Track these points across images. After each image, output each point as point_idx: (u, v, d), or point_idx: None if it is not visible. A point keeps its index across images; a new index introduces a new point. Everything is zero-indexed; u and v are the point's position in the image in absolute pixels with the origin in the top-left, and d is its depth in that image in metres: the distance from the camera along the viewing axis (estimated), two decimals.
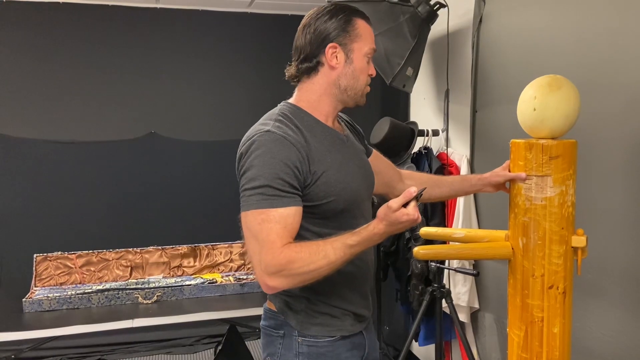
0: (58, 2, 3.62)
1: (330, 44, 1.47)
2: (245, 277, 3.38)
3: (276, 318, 1.56)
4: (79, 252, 3.34)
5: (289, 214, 1.35)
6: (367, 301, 1.61)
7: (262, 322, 1.61)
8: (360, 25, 1.50)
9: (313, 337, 1.51)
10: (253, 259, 1.36)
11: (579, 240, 1.32)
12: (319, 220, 1.44)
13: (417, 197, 1.27)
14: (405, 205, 1.27)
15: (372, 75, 1.53)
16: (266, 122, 1.44)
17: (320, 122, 1.52)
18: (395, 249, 3.05)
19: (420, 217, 1.28)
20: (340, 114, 1.70)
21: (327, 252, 1.31)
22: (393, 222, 1.28)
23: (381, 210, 1.30)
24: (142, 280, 3.33)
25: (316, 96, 1.51)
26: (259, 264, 1.33)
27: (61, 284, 3.27)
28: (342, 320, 1.53)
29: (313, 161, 1.41)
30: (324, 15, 1.49)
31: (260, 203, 1.34)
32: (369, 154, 1.72)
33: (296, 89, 1.55)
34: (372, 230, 1.31)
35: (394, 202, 1.26)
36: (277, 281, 1.33)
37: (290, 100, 1.55)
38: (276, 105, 1.57)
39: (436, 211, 2.82)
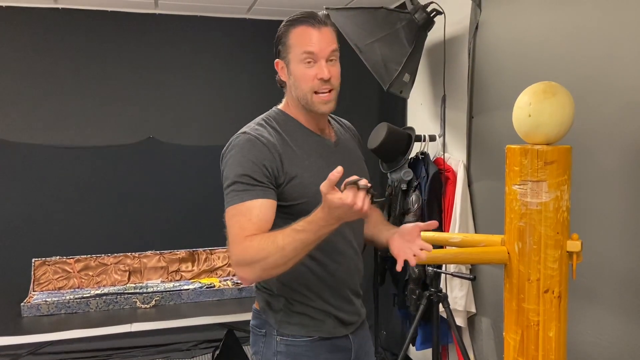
0: (57, 8, 3.63)
1: (276, 61, 1.55)
2: None
3: (259, 317, 1.61)
4: (78, 257, 3.34)
5: (255, 206, 1.39)
6: (352, 306, 1.61)
7: (250, 322, 1.66)
8: (295, 33, 1.48)
9: (291, 336, 1.54)
10: (228, 252, 1.41)
11: (574, 245, 1.33)
12: (293, 222, 1.46)
13: (355, 184, 1.22)
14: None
15: (321, 77, 1.46)
16: (248, 125, 1.52)
17: (304, 127, 1.56)
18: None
19: (363, 206, 1.23)
20: (342, 120, 1.75)
21: (276, 238, 1.32)
22: (331, 207, 1.24)
23: None
24: (140, 284, 3.33)
25: (292, 104, 1.57)
26: (229, 256, 1.39)
27: (59, 288, 3.27)
28: (321, 321, 1.55)
29: (287, 162, 1.46)
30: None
31: (233, 199, 1.40)
32: None
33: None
34: (317, 214, 1.29)
35: (323, 186, 1.23)
36: (242, 272, 1.36)
37: (279, 106, 1.61)
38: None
39: (433, 216, 2.83)
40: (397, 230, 1.55)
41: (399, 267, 1.43)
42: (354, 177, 1.23)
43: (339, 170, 1.21)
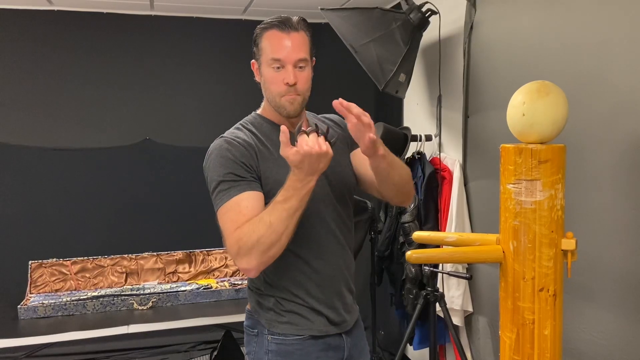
0: (52, 10, 3.63)
1: (252, 61, 1.60)
2: (240, 282, 3.38)
3: (252, 317, 1.63)
4: (74, 259, 3.33)
5: (242, 199, 1.42)
6: (343, 303, 1.62)
7: (244, 322, 1.68)
8: (266, 37, 1.53)
9: (282, 335, 1.56)
10: (226, 250, 1.46)
11: (568, 243, 1.34)
12: None
13: (303, 132, 1.29)
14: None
15: (288, 82, 1.50)
16: (227, 131, 1.60)
17: (279, 126, 1.57)
18: (389, 253, 3.07)
19: (321, 148, 1.28)
20: (328, 116, 1.75)
21: (262, 217, 1.35)
22: (295, 164, 1.31)
23: None
24: (137, 286, 3.32)
25: (267, 105, 1.62)
26: (228, 253, 1.42)
27: (56, 290, 3.26)
28: (311, 320, 1.56)
29: (263, 161, 1.51)
30: None
31: (221, 199, 1.44)
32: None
33: None
34: (289, 178, 1.35)
35: (280, 151, 1.31)
36: (243, 262, 1.37)
37: (258, 110, 1.67)
38: None
39: (429, 216, 2.84)
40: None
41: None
42: (302, 128, 1.31)
43: (283, 130, 1.29)
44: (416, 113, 3.36)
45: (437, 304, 2.46)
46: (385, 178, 1.54)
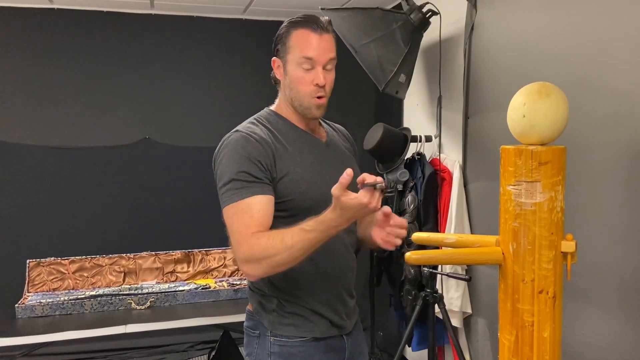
0: (52, 8, 3.62)
1: (273, 58, 1.56)
2: (239, 282, 3.37)
3: (253, 318, 1.62)
4: (72, 258, 3.32)
5: (255, 202, 1.40)
6: (345, 307, 1.61)
7: (244, 323, 1.66)
8: (296, 35, 1.50)
9: (284, 337, 1.55)
10: (233, 250, 1.42)
11: (568, 246, 1.33)
12: (289, 219, 1.46)
13: (375, 187, 1.27)
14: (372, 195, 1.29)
15: (318, 83, 1.49)
16: (241, 125, 1.55)
17: (295, 126, 1.58)
18: (388, 254, 3.06)
19: (377, 204, 1.27)
20: (336, 125, 1.76)
21: (285, 237, 1.34)
22: (344, 208, 1.27)
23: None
24: (135, 286, 3.31)
25: (284, 103, 1.59)
26: (235, 254, 1.40)
27: (54, 289, 3.25)
28: (313, 322, 1.55)
29: (280, 159, 1.48)
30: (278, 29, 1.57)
31: (231, 197, 1.41)
32: None
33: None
34: (327, 215, 1.31)
35: (335, 189, 1.26)
36: (249, 268, 1.37)
37: (271, 107, 1.63)
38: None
39: (429, 217, 2.83)
40: (373, 222, 1.57)
41: (387, 247, 1.51)
42: (372, 179, 1.26)
43: (349, 172, 1.24)
44: (416, 114, 3.36)
45: (436, 306, 2.45)
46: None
